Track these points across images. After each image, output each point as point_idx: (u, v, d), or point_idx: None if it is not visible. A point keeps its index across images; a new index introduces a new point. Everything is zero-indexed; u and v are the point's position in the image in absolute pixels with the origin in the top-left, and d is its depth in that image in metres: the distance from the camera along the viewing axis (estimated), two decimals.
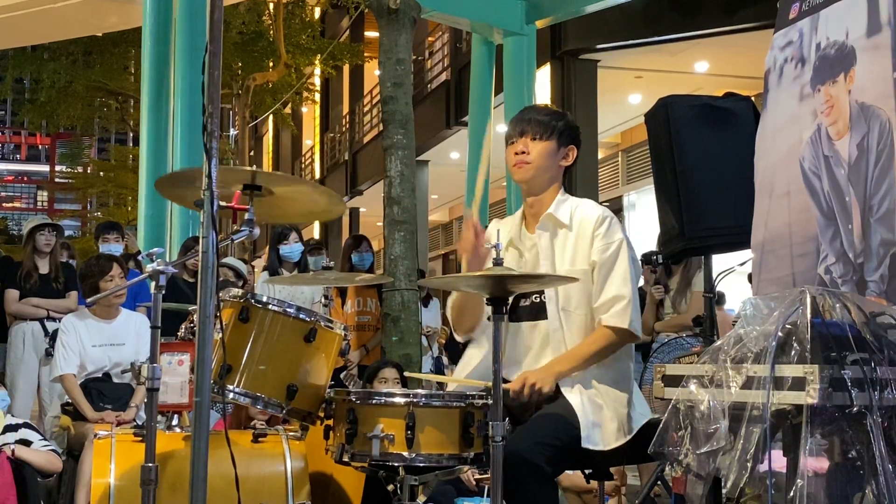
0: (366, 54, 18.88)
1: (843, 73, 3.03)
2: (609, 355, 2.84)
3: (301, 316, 2.83)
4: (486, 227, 3.05)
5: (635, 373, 3.19)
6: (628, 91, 12.42)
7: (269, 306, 2.82)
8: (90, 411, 4.41)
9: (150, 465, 2.54)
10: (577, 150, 3.00)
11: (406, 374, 4.67)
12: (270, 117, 22.93)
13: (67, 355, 4.56)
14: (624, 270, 2.83)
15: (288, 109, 22.05)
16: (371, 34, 18.94)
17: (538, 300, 2.91)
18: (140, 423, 4.05)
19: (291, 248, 6.23)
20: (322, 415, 2.81)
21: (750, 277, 4.66)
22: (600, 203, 3.02)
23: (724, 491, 2.27)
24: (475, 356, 3.02)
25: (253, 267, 7.43)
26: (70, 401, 4.53)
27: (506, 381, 2.88)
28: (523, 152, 2.95)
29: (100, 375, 4.61)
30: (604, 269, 2.83)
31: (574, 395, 2.76)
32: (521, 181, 3.00)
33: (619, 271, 2.83)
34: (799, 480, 2.13)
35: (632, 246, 2.90)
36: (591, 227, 2.85)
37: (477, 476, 4.51)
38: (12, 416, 4.43)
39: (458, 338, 3.16)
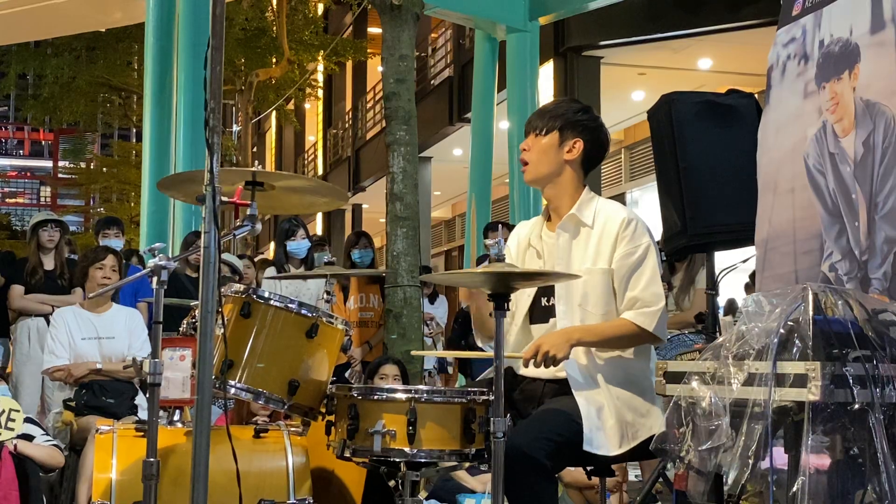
0: (369, 50, 18.87)
1: (847, 70, 3.02)
2: (626, 347, 2.79)
3: (303, 311, 2.83)
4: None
5: None
6: (631, 88, 12.40)
7: (271, 302, 2.81)
8: (92, 364, 4.53)
9: (152, 460, 2.54)
10: (584, 142, 2.88)
11: (416, 352, 4.55)
12: (273, 113, 22.90)
13: (56, 349, 4.57)
14: (653, 273, 2.76)
15: (291, 105, 22.04)
16: (374, 30, 18.93)
17: (550, 302, 2.88)
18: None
19: (299, 245, 6.23)
20: (324, 410, 2.81)
21: (751, 277, 4.63)
22: None
23: (725, 488, 2.27)
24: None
25: (254, 263, 7.43)
26: (70, 397, 4.54)
27: (515, 374, 2.89)
28: (524, 150, 2.92)
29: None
30: (630, 270, 2.76)
31: (580, 395, 2.73)
32: (526, 182, 2.97)
33: (648, 273, 2.76)
34: (800, 477, 2.12)
35: (658, 249, 2.84)
36: (617, 229, 2.79)
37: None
38: None
39: (480, 344, 3.13)
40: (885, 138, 2.83)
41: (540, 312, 2.91)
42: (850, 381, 2.13)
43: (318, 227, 21.90)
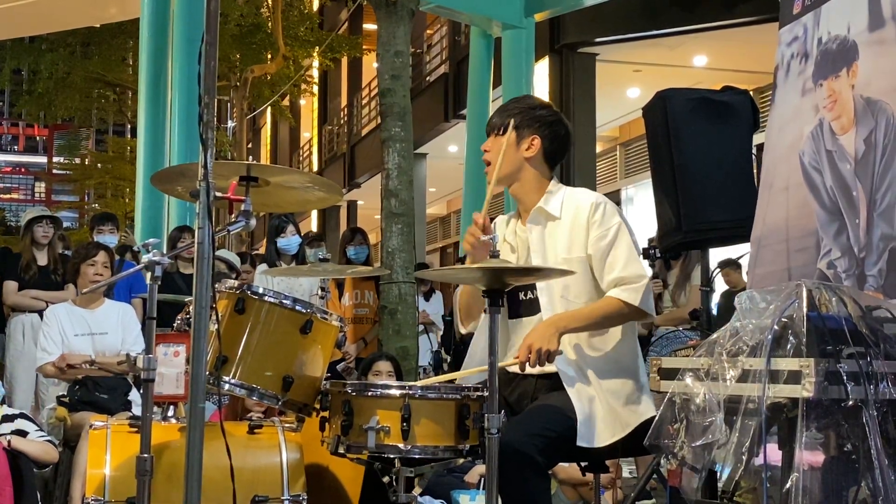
0: (364, 47, 18.85)
1: (845, 68, 3.03)
2: (614, 325, 2.78)
3: (297, 307, 2.82)
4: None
5: None
6: (627, 85, 12.41)
7: (265, 297, 2.81)
8: (86, 355, 4.50)
9: (146, 455, 2.54)
10: (542, 138, 2.85)
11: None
12: (268, 109, 22.90)
13: (49, 346, 4.56)
14: (629, 251, 2.76)
15: (286, 102, 22.01)
16: (369, 26, 18.90)
17: (531, 296, 2.88)
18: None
19: (289, 241, 6.22)
20: (318, 406, 2.81)
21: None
22: None
23: (719, 484, 2.28)
24: (479, 343, 2.97)
25: (255, 260, 7.42)
26: (64, 393, 4.53)
27: (507, 372, 2.88)
28: (486, 151, 2.91)
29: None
30: (605, 253, 2.76)
31: (571, 389, 2.73)
32: (489, 183, 2.93)
33: (624, 252, 2.75)
34: (794, 474, 2.13)
35: (631, 228, 2.83)
36: (586, 216, 2.79)
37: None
38: (9, 406, 4.43)
39: (462, 330, 3.13)
40: (886, 135, 2.83)
41: (518, 307, 2.91)
42: (844, 377, 2.14)
43: (312, 224, 21.87)
